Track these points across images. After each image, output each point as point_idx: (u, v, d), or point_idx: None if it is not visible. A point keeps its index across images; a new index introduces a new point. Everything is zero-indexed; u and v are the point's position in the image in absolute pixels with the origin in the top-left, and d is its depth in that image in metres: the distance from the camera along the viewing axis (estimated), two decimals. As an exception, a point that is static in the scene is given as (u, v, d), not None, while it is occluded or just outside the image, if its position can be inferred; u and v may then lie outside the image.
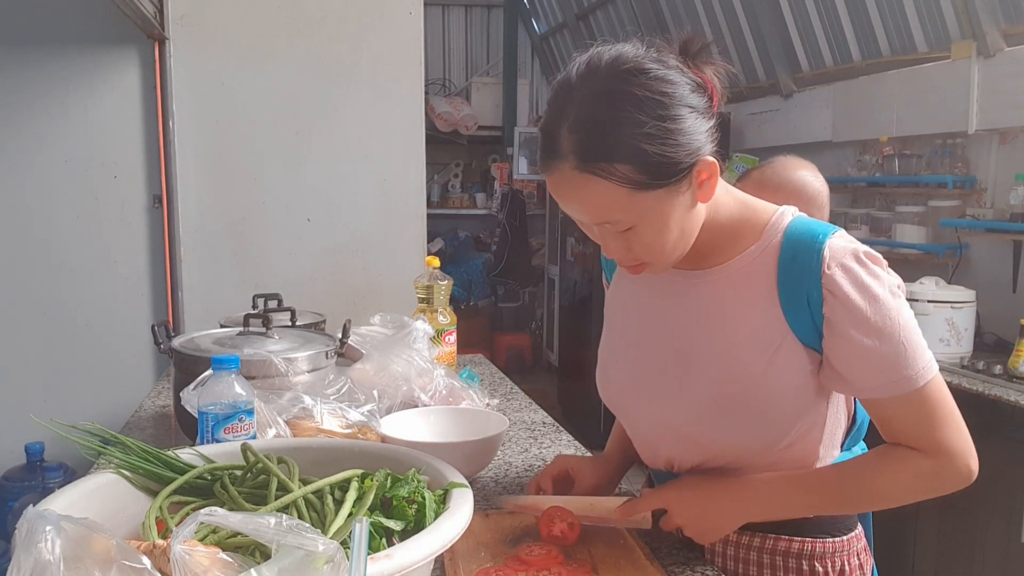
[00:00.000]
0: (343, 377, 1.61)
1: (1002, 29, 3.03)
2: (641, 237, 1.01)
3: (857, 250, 1.02)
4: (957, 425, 1.03)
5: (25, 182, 2.58)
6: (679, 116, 0.96)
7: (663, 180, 0.97)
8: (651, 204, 0.98)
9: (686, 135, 0.97)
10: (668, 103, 0.96)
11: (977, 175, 3.20)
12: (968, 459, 1.03)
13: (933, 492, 1.05)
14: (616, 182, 0.95)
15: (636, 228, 1.00)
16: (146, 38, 2.53)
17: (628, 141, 0.94)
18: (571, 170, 0.97)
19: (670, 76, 0.97)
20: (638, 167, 0.95)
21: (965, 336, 2.85)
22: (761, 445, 1.09)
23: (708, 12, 4.75)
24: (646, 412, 1.18)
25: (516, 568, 1.08)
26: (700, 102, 0.99)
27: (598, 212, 1.00)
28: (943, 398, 1.03)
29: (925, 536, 2.67)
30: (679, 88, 0.97)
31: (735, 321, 1.07)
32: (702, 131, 0.99)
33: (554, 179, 1.00)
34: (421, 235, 2.75)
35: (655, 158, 0.95)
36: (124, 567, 0.69)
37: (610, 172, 0.95)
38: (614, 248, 1.04)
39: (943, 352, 2.80)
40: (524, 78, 6.99)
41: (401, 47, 2.65)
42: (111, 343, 2.65)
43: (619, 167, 0.95)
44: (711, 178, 1.01)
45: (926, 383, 1.01)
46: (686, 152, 0.97)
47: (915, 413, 1.02)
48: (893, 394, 1.01)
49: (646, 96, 0.95)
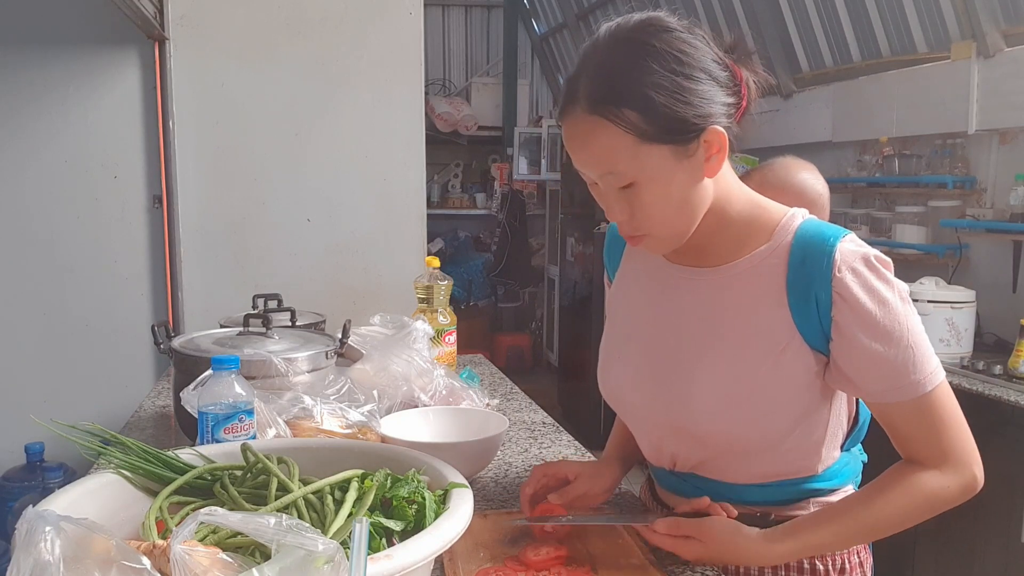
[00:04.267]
0: (343, 377, 1.61)
1: (1002, 29, 3.03)
2: (642, 197, 1.01)
3: (868, 254, 1.02)
4: (963, 433, 1.03)
5: (25, 182, 2.58)
6: (693, 76, 0.98)
7: (669, 136, 0.97)
8: (655, 160, 0.98)
9: (699, 97, 0.98)
10: (685, 60, 0.98)
11: (977, 175, 3.20)
12: (973, 466, 1.03)
13: (943, 506, 1.05)
14: (622, 128, 0.97)
15: (638, 186, 1.00)
16: (146, 38, 2.53)
17: (638, 88, 0.96)
18: (582, 113, 0.99)
19: (692, 40, 1.00)
20: (645, 115, 0.96)
21: (965, 336, 2.85)
22: (764, 444, 1.09)
23: (708, 12, 4.75)
24: (648, 409, 1.17)
25: (515, 568, 1.08)
26: (721, 75, 1.01)
27: (603, 160, 1.00)
28: (950, 405, 1.03)
29: (925, 536, 2.67)
30: (699, 52, 0.99)
31: (742, 320, 1.07)
32: (717, 101, 1.00)
33: (567, 124, 1.02)
34: (421, 235, 2.75)
35: (662, 109, 0.96)
36: (124, 567, 0.69)
37: (618, 117, 0.96)
38: (617, 211, 1.04)
39: (943, 352, 2.80)
40: (524, 78, 7.00)
41: (401, 47, 2.65)
42: (111, 343, 2.65)
43: (628, 112, 0.96)
44: (720, 152, 1.01)
45: (933, 388, 1.01)
46: (696, 113, 0.98)
47: (922, 418, 1.02)
48: (900, 399, 1.01)
49: (664, 49, 0.97)
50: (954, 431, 1.03)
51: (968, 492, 1.04)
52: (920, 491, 1.03)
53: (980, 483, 1.04)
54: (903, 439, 1.05)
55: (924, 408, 1.01)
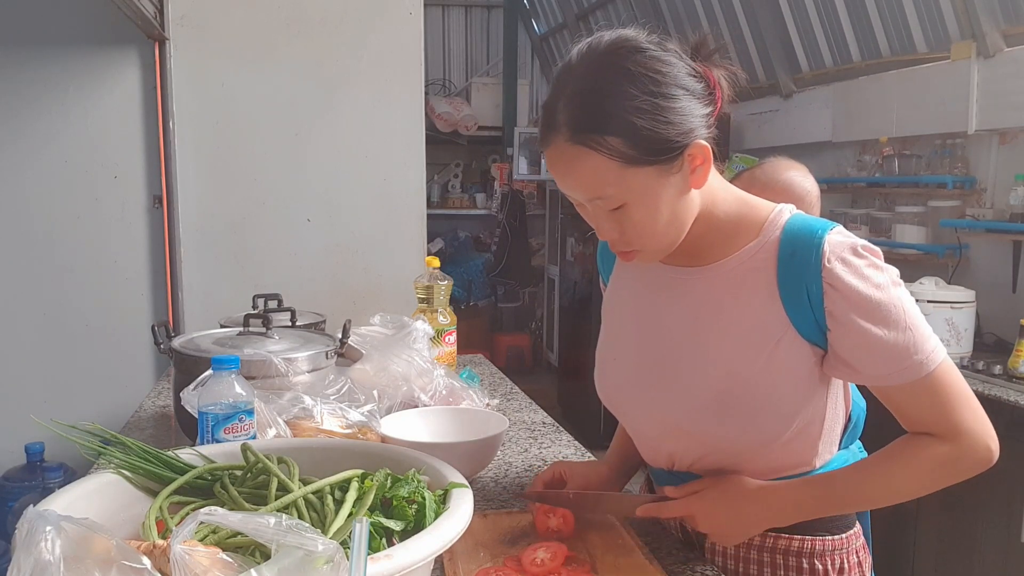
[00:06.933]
0: (343, 377, 1.61)
1: (1002, 30, 3.03)
2: (632, 216, 1.01)
3: (855, 244, 1.03)
4: (972, 406, 1.03)
5: (25, 182, 2.58)
6: (672, 95, 0.98)
7: (653, 157, 0.98)
8: (642, 182, 0.99)
9: (679, 115, 0.98)
10: (662, 80, 0.97)
11: (977, 175, 3.20)
12: (987, 439, 1.03)
13: (955, 478, 1.05)
14: (606, 155, 0.97)
15: (627, 207, 1.01)
16: (146, 38, 2.53)
17: (619, 114, 0.96)
18: (564, 142, 0.99)
19: (666, 57, 0.99)
20: (628, 141, 0.96)
21: (965, 336, 2.85)
22: (761, 440, 1.09)
23: (708, 12, 4.75)
24: (645, 410, 1.18)
25: (515, 569, 1.08)
26: (697, 87, 1.00)
27: (590, 187, 1.01)
28: (955, 380, 1.03)
29: (925, 535, 2.67)
30: (674, 69, 0.99)
31: (734, 317, 1.07)
32: (697, 115, 1.00)
33: (550, 153, 1.02)
34: (421, 235, 2.75)
35: (645, 132, 0.96)
36: (124, 567, 0.69)
37: (600, 144, 0.96)
38: (607, 229, 1.05)
39: (943, 352, 2.80)
40: (524, 78, 6.99)
41: (401, 47, 2.65)
42: (111, 343, 2.65)
43: (609, 139, 0.96)
44: (704, 163, 1.01)
45: (936, 366, 1.01)
46: (677, 131, 0.98)
47: (929, 398, 1.02)
48: (905, 380, 1.01)
49: (640, 72, 0.97)
50: (963, 406, 1.02)
51: (983, 464, 1.04)
52: (928, 457, 1.03)
53: (995, 455, 1.04)
54: (913, 421, 1.05)
55: (930, 387, 1.02)
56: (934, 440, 1.04)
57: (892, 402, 1.06)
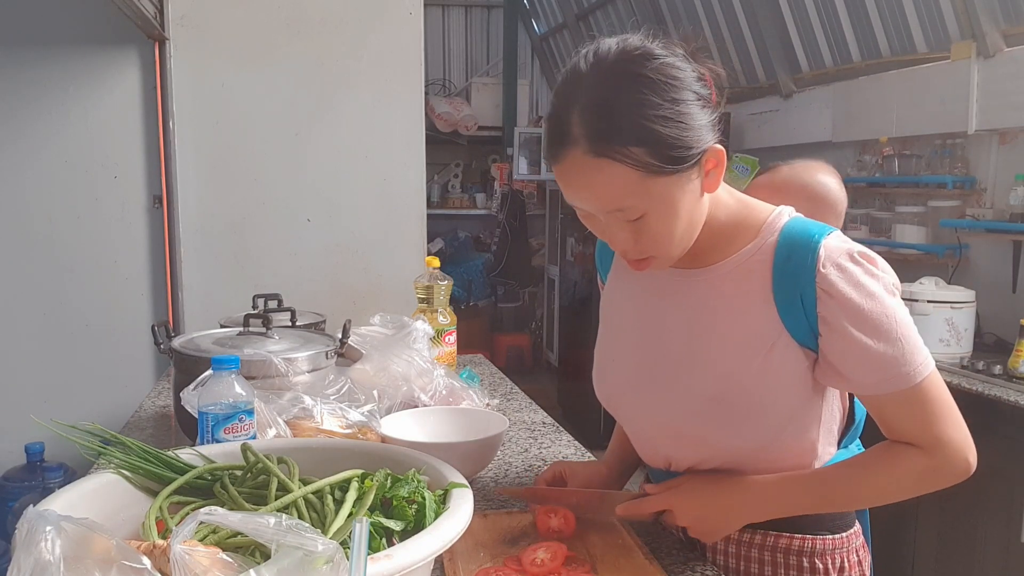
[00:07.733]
0: (343, 377, 1.61)
1: (1002, 30, 3.03)
2: (650, 226, 1.00)
3: (852, 250, 1.03)
4: (955, 420, 1.04)
5: (25, 182, 2.58)
6: (687, 100, 0.96)
7: (676, 165, 0.96)
8: (662, 191, 0.97)
9: (695, 119, 0.97)
10: (679, 87, 0.96)
11: (977, 175, 3.20)
12: (966, 452, 1.03)
13: (932, 487, 1.06)
14: (630, 166, 0.94)
15: (646, 216, 0.99)
16: (146, 39, 2.53)
17: (643, 123, 0.94)
18: (583, 155, 0.95)
19: (678, 63, 0.98)
20: (652, 150, 0.94)
21: (965, 336, 2.85)
22: (758, 442, 1.09)
23: (708, 12, 4.75)
24: (643, 411, 1.18)
25: (515, 569, 1.08)
26: (705, 92, 1.00)
27: (611, 199, 0.98)
28: (940, 393, 1.03)
29: (925, 535, 2.67)
30: (687, 74, 0.98)
31: (730, 319, 1.07)
32: (708, 118, 0.99)
33: (563, 167, 0.98)
34: (421, 235, 2.75)
35: (670, 141, 0.94)
36: (124, 567, 0.69)
37: (625, 155, 0.94)
38: (621, 240, 1.03)
39: (943, 352, 2.80)
40: (524, 78, 6.99)
41: (401, 48, 2.65)
42: (111, 343, 2.65)
43: (634, 150, 0.94)
44: (718, 167, 1.01)
45: (923, 379, 1.01)
46: (696, 136, 0.97)
47: (913, 409, 1.03)
48: (891, 390, 1.02)
49: (659, 79, 0.95)
50: (946, 419, 1.03)
51: (959, 476, 1.04)
52: (907, 466, 1.04)
53: (972, 468, 1.04)
54: (896, 430, 1.06)
55: (915, 398, 1.02)
56: (914, 450, 1.04)
57: (876, 410, 1.07)
